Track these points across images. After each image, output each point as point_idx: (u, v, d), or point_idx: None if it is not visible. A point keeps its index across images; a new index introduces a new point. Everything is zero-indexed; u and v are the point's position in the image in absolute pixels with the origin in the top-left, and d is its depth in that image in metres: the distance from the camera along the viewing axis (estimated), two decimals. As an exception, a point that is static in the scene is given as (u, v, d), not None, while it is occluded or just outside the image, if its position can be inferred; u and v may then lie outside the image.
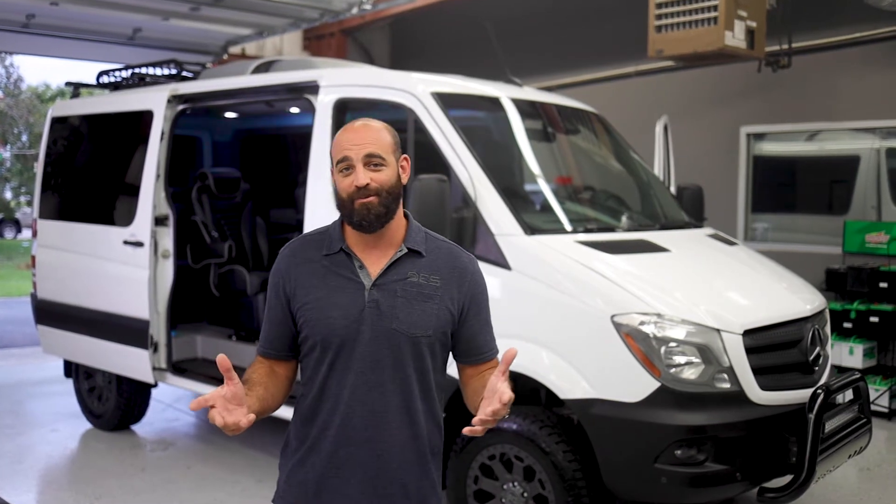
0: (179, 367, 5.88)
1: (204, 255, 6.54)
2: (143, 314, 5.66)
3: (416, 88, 4.59)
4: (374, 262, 2.19)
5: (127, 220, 5.83)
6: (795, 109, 7.93)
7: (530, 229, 4.18)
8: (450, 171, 4.30)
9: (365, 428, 2.15)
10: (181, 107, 5.82)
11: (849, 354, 6.92)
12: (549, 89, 7.23)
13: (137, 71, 6.57)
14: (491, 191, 4.24)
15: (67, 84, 7.04)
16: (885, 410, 6.83)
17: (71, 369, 6.76)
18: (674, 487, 3.67)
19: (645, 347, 3.71)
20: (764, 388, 3.83)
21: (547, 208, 4.63)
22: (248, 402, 2.03)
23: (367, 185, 2.12)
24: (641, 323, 3.73)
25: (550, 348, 3.94)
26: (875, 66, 7.48)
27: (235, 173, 6.99)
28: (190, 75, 6.36)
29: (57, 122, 6.80)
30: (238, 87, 5.62)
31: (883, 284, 7.01)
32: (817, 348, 4.23)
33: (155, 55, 8.44)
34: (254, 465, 5.67)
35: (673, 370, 3.70)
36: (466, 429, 1.95)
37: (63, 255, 6.43)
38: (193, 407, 1.92)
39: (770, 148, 8.49)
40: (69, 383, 6.92)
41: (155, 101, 5.84)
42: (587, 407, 3.81)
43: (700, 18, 6.50)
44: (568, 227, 4.44)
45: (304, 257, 2.23)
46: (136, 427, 6.56)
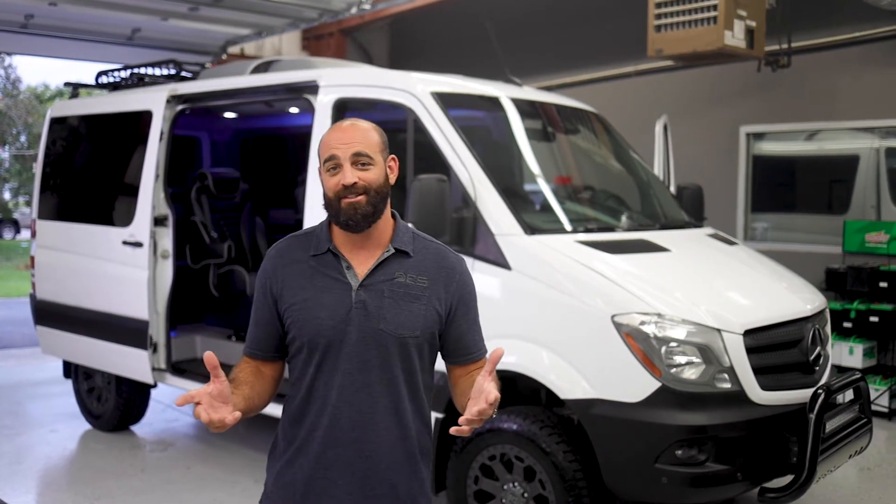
0: (179, 368, 5.87)
1: (203, 256, 6.53)
2: (143, 314, 5.65)
3: (415, 88, 4.58)
4: (362, 263, 2.18)
5: (126, 220, 5.82)
6: (795, 109, 7.93)
7: (530, 229, 4.17)
8: (450, 171, 4.29)
9: (353, 429, 2.15)
10: (180, 107, 5.81)
11: (849, 354, 6.92)
12: (549, 89, 7.23)
13: (136, 71, 6.56)
14: (491, 191, 4.24)
15: (66, 84, 7.03)
16: (885, 410, 6.83)
17: (70, 370, 6.75)
18: (674, 487, 3.67)
19: (645, 347, 3.70)
20: (764, 388, 3.82)
21: (547, 208, 4.63)
22: (234, 400, 2.03)
23: (354, 183, 2.11)
24: (642, 323, 3.73)
25: (551, 348, 3.93)
26: (874, 66, 7.48)
27: (235, 173, 6.98)
28: (189, 75, 6.36)
29: (56, 123, 6.79)
30: (237, 87, 5.61)
31: (883, 284, 7.00)
32: (818, 348, 4.22)
33: (154, 55, 8.43)
34: (253, 466, 5.66)
35: (673, 370, 3.70)
36: (453, 429, 1.95)
37: (62, 255, 6.42)
38: (179, 403, 1.92)
39: (770, 147, 8.49)
40: (68, 384, 6.91)
41: (154, 102, 5.83)
42: (587, 407, 3.81)
43: (699, 18, 6.49)
44: (568, 226, 4.43)
45: (291, 258, 2.22)
46: (135, 428, 6.55)
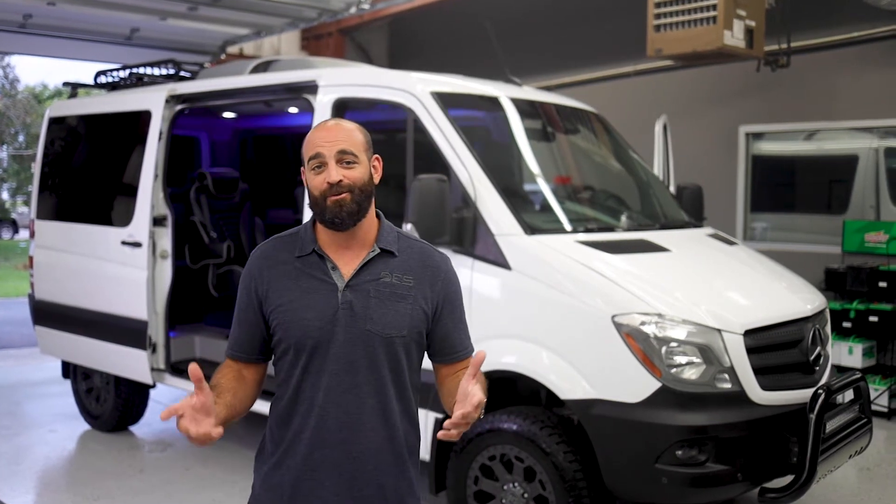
0: (178, 368, 5.86)
1: (202, 256, 6.52)
2: (142, 315, 5.64)
3: (415, 88, 4.58)
4: (347, 263, 2.18)
5: (125, 220, 5.81)
6: (794, 109, 7.93)
7: (530, 229, 4.17)
8: (449, 171, 4.28)
9: (340, 430, 2.14)
10: (179, 107, 5.80)
11: (848, 354, 6.92)
12: (549, 89, 7.23)
13: (135, 71, 6.55)
14: (491, 191, 4.23)
15: (65, 84, 7.02)
16: (885, 410, 6.83)
17: (69, 370, 6.74)
18: (675, 488, 3.66)
19: (645, 347, 3.69)
20: (765, 388, 3.82)
21: (547, 208, 4.62)
22: (217, 409, 2.01)
23: (339, 181, 2.11)
24: (642, 323, 3.72)
25: (551, 348, 3.92)
26: (874, 66, 7.48)
27: (234, 173, 6.98)
28: (188, 75, 6.35)
29: (54, 123, 6.78)
30: (236, 86, 5.61)
31: (882, 284, 7.00)
32: (818, 348, 4.22)
33: (153, 55, 8.42)
34: (252, 466, 5.63)
35: (674, 370, 3.69)
36: (440, 433, 1.95)
37: (61, 255, 6.41)
38: (164, 417, 1.88)
39: (769, 147, 8.49)
40: (67, 384, 6.90)
41: (153, 101, 5.82)
42: (588, 407, 3.80)
43: (699, 18, 6.49)
44: (568, 226, 4.43)
45: (276, 259, 2.22)
46: (134, 428, 6.54)
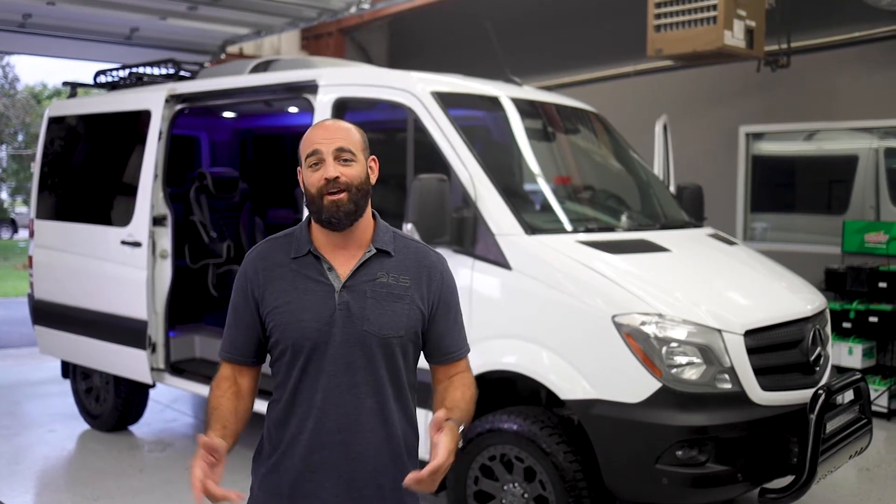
0: (177, 368, 5.86)
1: (202, 255, 6.52)
2: (141, 314, 5.64)
3: (415, 88, 4.57)
4: (343, 264, 2.18)
5: (125, 220, 5.81)
6: (794, 109, 7.93)
7: (531, 229, 4.16)
8: (450, 171, 4.28)
9: (339, 431, 2.14)
10: (179, 106, 5.79)
11: (848, 354, 6.91)
12: (549, 89, 7.22)
13: (135, 70, 6.55)
14: (491, 190, 4.23)
15: (64, 84, 7.01)
16: (885, 410, 6.83)
17: (68, 370, 6.74)
18: (675, 488, 3.66)
19: (646, 348, 3.69)
20: (765, 388, 3.81)
21: (547, 208, 4.62)
22: (225, 444, 2.14)
23: (336, 178, 2.11)
24: (642, 323, 3.72)
25: (551, 348, 3.92)
26: (874, 66, 7.48)
27: (234, 173, 6.97)
28: (188, 75, 6.34)
29: (54, 122, 6.78)
30: (236, 86, 5.60)
31: (882, 284, 7.00)
32: (818, 348, 4.22)
33: (152, 55, 8.43)
34: (250, 467, 5.64)
35: (674, 370, 3.69)
36: (408, 478, 1.94)
37: (60, 255, 6.40)
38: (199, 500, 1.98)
39: (769, 147, 8.49)
40: (66, 384, 6.90)
41: (153, 101, 5.82)
42: (588, 407, 3.80)
43: (699, 18, 6.49)
44: (568, 226, 4.42)
45: (271, 261, 2.21)
46: (133, 428, 6.54)
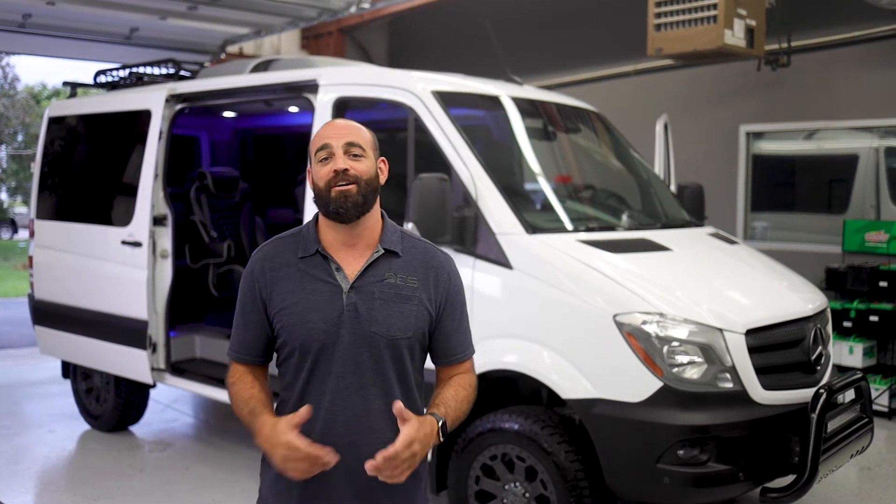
0: (178, 368, 5.86)
1: (203, 255, 6.51)
2: (142, 314, 5.63)
3: (416, 87, 4.57)
4: (351, 264, 2.17)
5: (125, 220, 5.80)
6: (795, 108, 7.93)
7: (531, 228, 4.16)
8: (450, 170, 4.28)
9: (348, 432, 2.14)
10: (179, 106, 5.79)
11: (849, 353, 6.91)
12: (550, 88, 7.21)
13: (135, 70, 6.54)
14: (492, 190, 4.22)
15: (65, 84, 7.01)
16: (885, 410, 6.82)
17: (68, 370, 6.73)
18: (676, 487, 3.66)
19: (647, 347, 3.69)
20: (766, 387, 3.81)
21: (548, 207, 4.61)
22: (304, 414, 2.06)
23: (346, 170, 2.11)
24: (644, 322, 3.72)
25: (552, 348, 3.92)
26: (874, 65, 7.48)
27: (234, 173, 6.97)
28: (188, 75, 6.34)
29: (54, 123, 6.77)
30: (236, 86, 5.60)
31: (883, 283, 7.00)
32: (819, 348, 4.21)
33: (152, 54, 8.43)
34: (253, 466, 5.62)
35: (675, 370, 3.68)
36: (367, 464, 1.97)
37: (60, 255, 6.40)
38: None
39: (769, 147, 8.49)
40: (67, 384, 6.89)
41: (153, 101, 5.81)
42: (589, 407, 3.79)
43: (699, 17, 6.49)
44: (569, 225, 4.42)
45: (278, 261, 2.20)
46: (134, 428, 6.53)
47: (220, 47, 9.31)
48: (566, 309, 3.90)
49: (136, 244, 5.69)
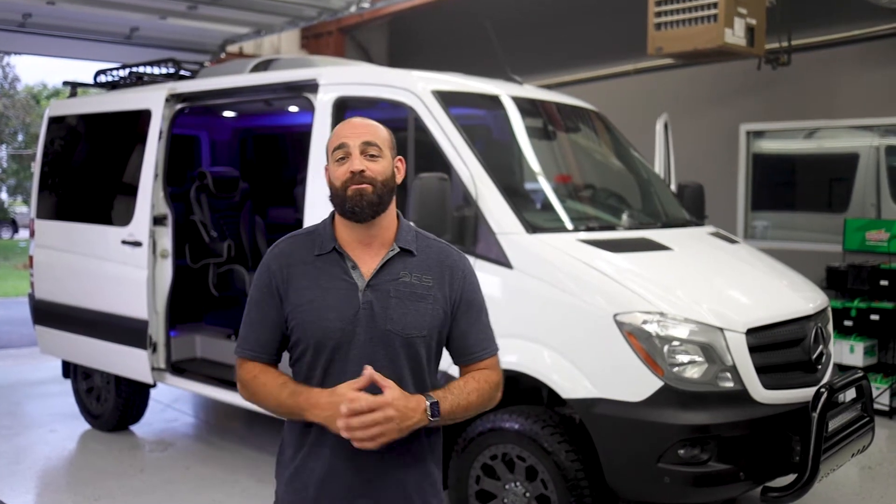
0: (178, 368, 5.86)
1: (203, 255, 6.51)
2: (142, 314, 5.63)
3: (416, 86, 4.57)
4: (367, 262, 2.17)
5: (125, 219, 5.80)
6: (795, 107, 7.92)
7: (532, 228, 4.16)
8: (450, 170, 4.27)
9: None
10: (179, 106, 5.79)
11: (849, 352, 6.91)
12: (550, 87, 7.21)
13: (135, 70, 6.54)
14: (492, 189, 4.22)
15: (64, 83, 7.01)
16: (886, 408, 6.82)
17: (69, 370, 6.73)
18: (677, 487, 3.65)
19: (648, 346, 3.69)
20: (767, 387, 3.81)
21: (548, 206, 4.61)
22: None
23: (362, 171, 2.11)
24: (644, 322, 3.71)
25: (552, 347, 3.91)
26: (874, 64, 7.47)
27: (234, 172, 6.96)
28: (188, 74, 6.33)
29: (54, 122, 6.77)
30: (237, 85, 5.59)
31: (883, 282, 6.99)
32: (820, 347, 4.21)
33: (152, 54, 8.43)
34: (253, 466, 5.65)
35: (676, 369, 3.68)
36: (339, 421, 2.00)
37: (61, 255, 6.40)
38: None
39: (770, 146, 8.48)
40: (67, 384, 6.89)
41: (153, 101, 5.81)
42: (590, 406, 3.79)
43: (700, 16, 6.48)
44: (569, 225, 4.41)
45: (295, 257, 2.20)
46: (134, 428, 6.53)
47: (219, 47, 9.32)
48: (566, 308, 3.90)
49: (137, 244, 5.69)
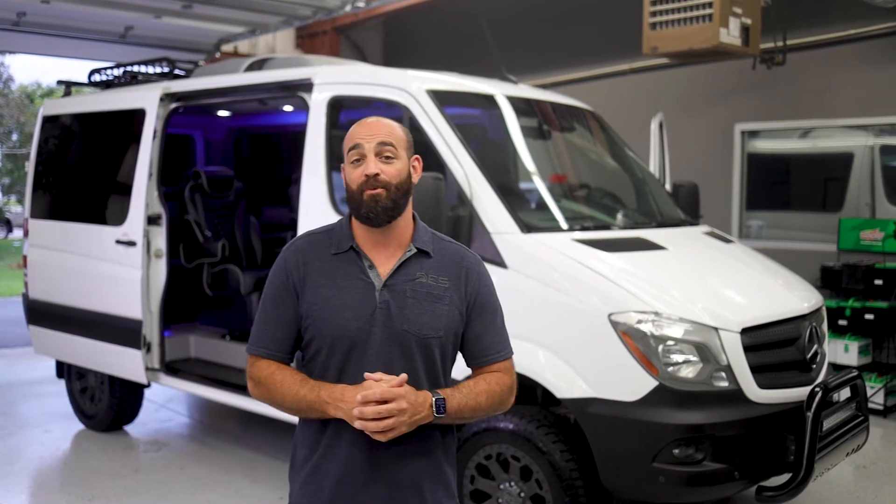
0: (172, 368, 5.85)
1: (197, 255, 6.49)
2: (136, 314, 5.62)
3: (410, 86, 4.56)
4: (384, 262, 2.17)
5: (119, 219, 5.78)
6: (790, 106, 7.93)
7: (526, 227, 4.15)
8: (445, 169, 4.27)
9: None
10: (174, 105, 5.77)
11: (844, 352, 6.92)
12: (545, 87, 7.21)
13: (129, 69, 6.52)
14: (487, 189, 4.22)
15: (59, 82, 6.99)
16: (881, 408, 6.83)
17: (63, 370, 6.71)
18: (672, 486, 3.65)
19: (642, 346, 3.68)
20: (762, 386, 3.81)
21: (543, 206, 4.61)
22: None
23: (377, 175, 2.10)
24: (639, 321, 3.71)
25: (547, 347, 3.91)
26: (869, 63, 7.48)
27: (228, 172, 6.94)
28: (182, 73, 6.32)
29: (48, 121, 6.75)
30: (231, 85, 5.58)
31: (878, 282, 7.01)
32: (814, 346, 4.21)
33: (147, 53, 8.41)
34: (248, 466, 5.64)
35: (671, 369, 3.68)
36: (354, 410, 2.02)
37: (55, 254, 6.38)
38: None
39: (764, 145, 8.49)
40: (61, 384, 6.87)
41: (147, 100, 5.79)
42: (584, 406, 3.79)
43: (695, 15, 6.48)
44: (564, 224, 4.41)
45: (312, 255, 2.19)
46: (128, 428, 6.51)
47: (214, 46, 9.31)
48: (561, 308, 3.90)
49: (131, 243, 5.67)
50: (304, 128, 4.96)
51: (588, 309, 3.83)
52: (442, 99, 4.54)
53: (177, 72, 6.32)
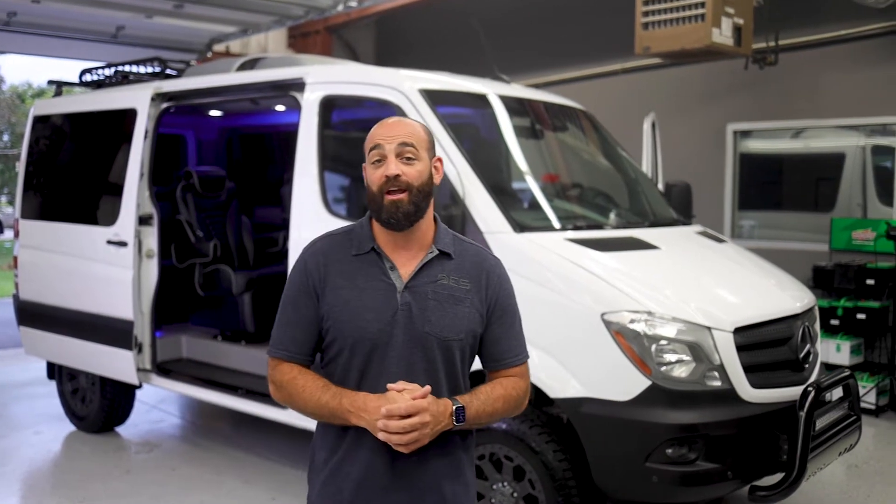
0: (164, 368, 5.82)
1: (189, 255, 6.47)
2: (128, 315, 5.59)
3: (403, 85, 4.55)
4: (405, 264, 2.15)
5: (110, 219, 5.76)
6: (782, 106, 7.95)
7: (519, 227, 4.15)
8: (438, 169, 4.25)
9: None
10: (165, 105, 5.75)
11: (836, 351, 6.94)
12: (537, 86, 7.20)
13: (121, 69, 6.50)
14: (479, 188, 4.21)
15: (50, 82, 6.96)
16: (873, 407, 6.85)
17: (54, 371, 6.68)
18: (665, 486, 3.65)
19: (635, 345, 3.68)
20: (755, 385, 3.81)
21: (535, 206, 4.60)
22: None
23: (397, 176, 2.07)
24: (632, 321, 3.71)
25: (540, 347, 3.89)
26: (861, 64, 7.50)
27: (220, 172, 6.93)
28: (174, 73, 6.30)
29: (39, 121, 6.72)
30: (223, 84, 5.56)
31: (870, 281, 7.02)
32: (807, 346, 4.22)
33: (138, 53, 8.38)
34: (240, 467, 5.62)
35: (664, 368, 3.68)
36: (379, 422, 2.01)
37: (46, 255, 6.35)
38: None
39: (756, 145, 8.51)
40: (52, 385, 6.84)
41: (138, 100, 5.77)
42: (577, 406, 3.78)
43: (687, 15, 6.49)
44: (557, 224, 4.41)
45: (332, 257, 2.17)
46: (120, 429, 6.49)
47: (206, 46, 9.28)
48: (554, 308, 3.89)
49: (122, 244, 5.65)
50: (296, 127, 4.95)
51: (581, 308, 3.82)
52: (434, 98, 4.53)
53: (168, 71, 6.30)
